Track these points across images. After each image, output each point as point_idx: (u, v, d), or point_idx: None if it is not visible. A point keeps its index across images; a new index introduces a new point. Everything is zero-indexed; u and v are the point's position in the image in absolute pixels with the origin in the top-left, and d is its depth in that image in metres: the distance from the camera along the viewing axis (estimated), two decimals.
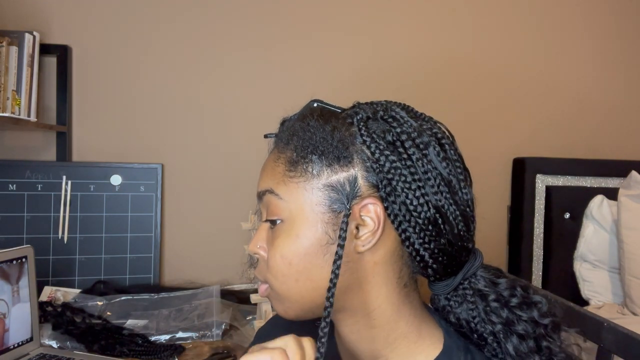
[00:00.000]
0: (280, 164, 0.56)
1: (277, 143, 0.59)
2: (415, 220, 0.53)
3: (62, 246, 1.60)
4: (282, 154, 0.57)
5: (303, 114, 0.59)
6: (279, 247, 0.55)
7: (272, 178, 0.57)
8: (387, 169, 0.53)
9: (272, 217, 0.56)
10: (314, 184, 0.54)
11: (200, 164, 1.76)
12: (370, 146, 0.54)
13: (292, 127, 0.58)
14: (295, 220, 0.54)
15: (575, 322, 0.90)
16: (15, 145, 1.66)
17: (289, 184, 0.55)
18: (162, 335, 1.28)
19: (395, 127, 0.55)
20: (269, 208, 0.57)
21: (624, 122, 2.12)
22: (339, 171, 0.54)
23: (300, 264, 0.53)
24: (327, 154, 0.54)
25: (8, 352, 1.07)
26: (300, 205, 0.54)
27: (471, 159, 2.32)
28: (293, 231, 0.54)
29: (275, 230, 0.56)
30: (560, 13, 2.04)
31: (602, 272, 1.85)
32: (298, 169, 0.55)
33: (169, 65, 1.74)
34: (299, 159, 0.55)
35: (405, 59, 1.91)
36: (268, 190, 0.57)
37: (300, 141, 0.55)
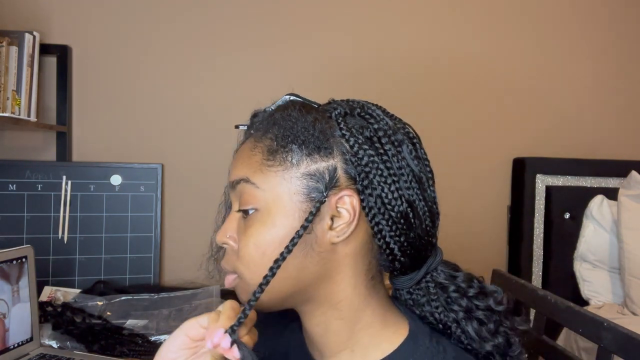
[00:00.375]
0: (258, 152, 0.56)
1: (253, 133, 0.59)
2: (388, 214, 0.55)
3: (62, 246, 1.60)
4: (259, 143, 0.57)
5: (281, 105, 0.59)
6: (253, 235, 0.54)
7: (248, 167, 0.56)
8: (365, 162, 0.54)
9: (247, 207, 0.56)
10: (293, 173, 0.54)
11: (200, 164, 1.76)
12: (349, 140, 0.55)
13: (271, 117, 0.58)
14: (271, 209, 0.54)
15: (575, 322, 0.90)
16: (15, 145, 1.66)
17: (267, 172, 0.55)
18: (162, 335, 1.28)
19: (373, 123, 0.57)
20: (243, 197, 0.56)
21: (624, 122, 2.12)
22: (319, 161, 0.54)
23: (274, 253, 0.52)
24: (307, 143, 0.54)
25: (8, 352, 1.07)
26: (277, 194, 0.54)
27: (471, 159, 2.33)
28: (269, 220, 0.54)
29: (249, 220, 0.55)
30: (560, 13, 2.04)
31: (602, 272, 1.85)
32: (277, 158, 0.55)
33: (169, 65, 1.74)
34: (278, 147, 0.55)
35: (405, 59, 1.91)
36: (243, 179, 0.56)
37: (281, 130, 0.55)
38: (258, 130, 0.58)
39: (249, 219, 0.55)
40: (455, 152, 1.96)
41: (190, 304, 1.46)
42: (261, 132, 0.58)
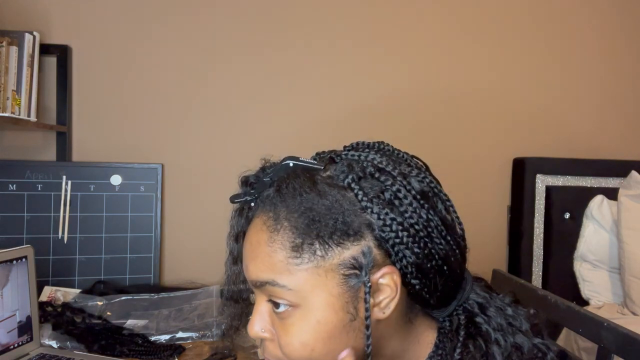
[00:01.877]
0: (278, 249, 0.51)
1: (261, 222, 0.54)
2: (425, 275, 0.53)
3: (62, 246, 1.60)
4: (276, 236, 0.52)
5: (288, 182, 0.53)
6: (297, 334, 0.51)
7: (270, 268, 0.52)
8: (395, 232, 0.51)
9: (280, 303, 0.52)
10: (326, 267, 0.51)
11: (200, 164, 1.76)
12: (374, 212, 0.51)
13: (282, 202, 0.52)
14: (311, 306, 0.51)
15: (575, 322, 0.90)
16: (15, 145, 1.66)
17: (296, 272, 0.51)
18: (162, 335, 1.28)
19: (391, 184, 0.53)
20: (273, 295, 0.53)
21: (624, 122, 2.12)
22: (351, 247, 0.51)
23: (323, 349, 0.51)
24: (335, 233, 0.50)
25: (8, 352, 1.07)
26: (314, 291, 0.51)
27: (471, 159, 2.34)
28: (311, 317, 0.51)
29: (287, 317, 0.52)
30: (562, 13, 2.04)
31: (602, 272, 1.85)
32: (304, 255, 0.51)
33: (169, 65, 1.74)
34: (303, 242, 0.51)
35: (406, 60, 1.91)
36: (269, 282, 0.52)
37: (301, 223, 0.51)
38: (266, 211, 0.54)
39: (286, 315, 0.52)
40: (455, 152, 1.96)
41: (190, 304, 1.46)
42: (272, 217, 0.53)
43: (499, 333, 0.56)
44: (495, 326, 0.56)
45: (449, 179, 2.22)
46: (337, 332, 0.51)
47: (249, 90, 1.79)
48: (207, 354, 1.21)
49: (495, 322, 0.57)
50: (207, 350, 1.24)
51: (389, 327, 0.55)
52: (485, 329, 0.56)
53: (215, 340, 1.30)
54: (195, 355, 1.21)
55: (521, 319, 0.58)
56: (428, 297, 0.55)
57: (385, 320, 0.54)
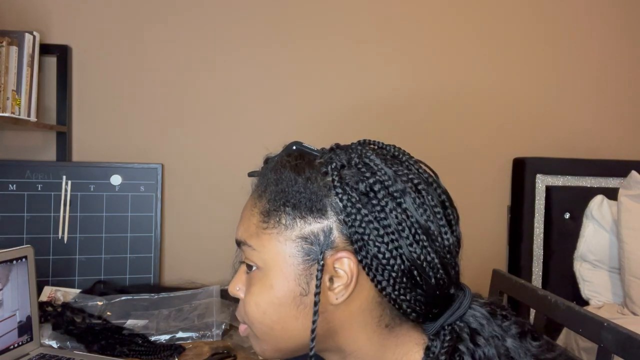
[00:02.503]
0: (255, 214, 0.57)
1: (255, 190, 0.60)
2: (389, 274, 0.52)
3: (62, 246, 1.60)
4: (257, 202, 0.58)
5: (279, 161, 0.58)
6: (254, 294, 0.56)
7: (246, 229, 0.58)
8: (359, 222, 0.52)
9: (249, 264, 0.58)
10: (287, 236, 0.54)
11: (200, 164, 1.76)
12: (343, 198, 0.53)
13: (267, 176, 0.58)
14: (269, 271, 0.55)
15: (575, 322, 0.90)
16: (15, 145, 1.66)
17: (262, 235, 0.56)
18: (162, 335, 1.28)
19: (369, 176, 0.54)
20: (245, 255, 0.58)
21: (624, 122, 2.12)
22: (313, 222, 0.53)
23: (274, 314, 0.55)
24: (299, 205, 0.54)
25: (8, 352, 1.07)
26: (273, 256, 0.55)
27: (471, 159, 2.34)
28: (267, 281, 0.55)
29: (252, 276, 0.57)
30: (562, 13, 2.04)
31: (602, 272, 1.85)
32: (271, 221, 0.55)
33: (169, 65, 1.74)
34: (271, 210, 0.56)
35: (406, 60, 1.91)
36: (242, 241, 0.58)
37: (273, 193, 0.56)
38: (258, 187, 0.59)
39: (252, 276, 0.57)
40: (455, 152, 1.96)
41: (190, 304, 1.46)
42: (260, 190, 0.59)
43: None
44: (481, 357, 0.53)
45: (449, 179, 2.22)
46: (288, 301, 0.54)
47: (250, 90, 1.79)
48: (207, 354, 1.22)
49: (481, 352, 0.53)
50: (207, 350, 1.24)
51: (351, 319, 0.55)
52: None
53: (215, 340, 1.30)
54: (195, 355, 1.21)
55: (520, 353, 0.54)
56: (399, 301, 0.54)
57: (342, 308, 0.54)
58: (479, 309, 0.57)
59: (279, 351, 0.57)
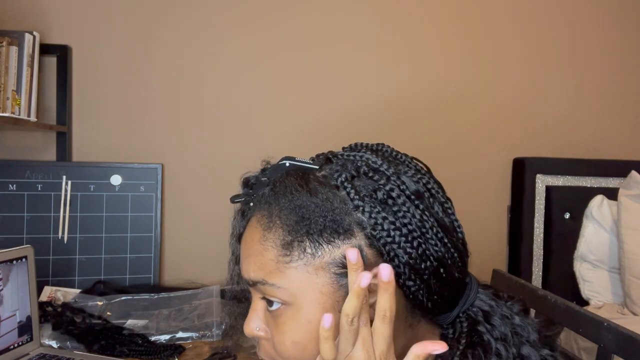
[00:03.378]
0: (270, 247, 0.52)
1: (257, 221, 0.54)
2: (420, 277, 0.52)
3: (62, 246, 1.60)
4: (268, 234, 0.52)
5: (283, 185, 0.53)
6: (289, 333, 0.51)
7: (261, 267, 0.52)
8: (387, 232, 0.51)
9: (272, 299, 0.52)
10: (317, 265, 0.50)
11: (200, 164, 1.76)
12: (365, 211, 0.51)
13: (275, 201, 0.53)
14: (302, 305, 0.51)
15: (575, 322, 0.90)
16: (15, 145, 1.66)
17: (286, 270, 0.51)
18: (162, 335, 1.28)
19: (384, 183, 0.52)
20: (266, 293, 0.53)
21: (624, 122, 2.12)
22: (341, 245, 0.50)
23: (315, 348, 0.50)
24: (325, 230, 0.50)
25: (8, 352, 1.07)
26: (304, 289, 0.50)
27: (471, 159, 2.33)
28: (302, 316, 0.51)
29: (279, 315, 0.52)
30: (559, 13, 2.04)
31: (602, 272, 1.85)
32: (294, 253, 0.51)
33: (169, 65, 1.74)
34: (293, 240, 0.51)
35: (406, 56, 1.91)
36: (260, 282, 0.52)
37: (292, 221, 0.51)
38: (261, 210, 0.54)
39: (279, 314, 0.52)
40: (455, 152, 1.96)
41: (190, 304, 1.46)
42: (265, 221, 0.53)
43: (502, 343, 0.54)
44: (499, 336, 0.54)
45: (449, 179, 2.21)
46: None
47: (250, 90, 1.79)
48: (207, 354, 1.22)
49: (499, 332, 0.54)
50: (207, 350, 1.24)
51: None
52: (487, 339, 0.53)
53: (215, 340, 1.30)
54: (195, 355, 1.21)
55: (529, 329, 0.56)
56: (426, 300, 0.53)
57: None
58: (483, 291, 0.59)
59: None
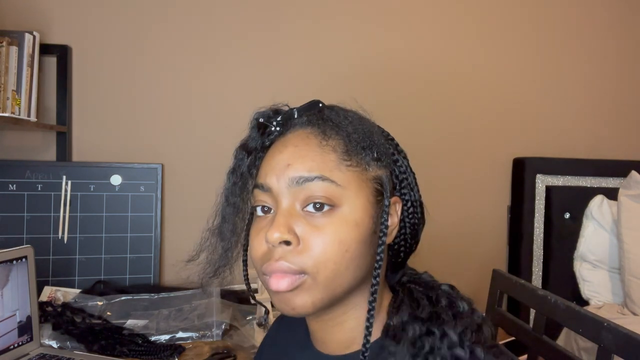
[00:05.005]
0: (330, 151, 0.56)
1: (299, 130, 0.59)
2: (413, 214, 0.63)
3: (62, 246, 1.60)
4: (329, 139, 0.56)
5: (350, 110, 0.62)
6: (337, 232, 0.53)
7: (322, 165, 0.55)
8: (403, 170, 0.62)
9: (322, 203, 0.54)
10: (368, 175, 0.57)
11: (200, 164, 1.76)
12: (393, 149, 0.62)
13: (329, 121, 0.58)
14: (353, 207, 0.54)
15: (575, 322, 0.90)
16: (15, 145, 1.66)
17: (346, 172, 0.55)
18: (162, 335, 1.28)
19: (388, 135, 0.64)
20: (317, 192, 0.54)
21: (624, 122, 2.12)
22: (382, 167, 0.58)
23: (356, 251, 0.54)
24: (378, 149, 0.58)
25: (8, 352, 1.07)
26: (357, 193, 0.55)
27: (471, 159, 2.33)
28: (352, 218, 0.54)
29: (325, 216, 0.54)
30: (559, 13, 2.05)
31: (602, 272, 1.85)
32: (354, 159, 0.56)
33: (169, 65, 1.74)
34: (356, 148, 0.56)
35: (407, 59, 1.91)
36: (320, 177, 0.54)
37: (359, 135, 0.57)
38: (310, 127, 0.58)
39: (325, 216, 0.54)
40: (455, 153, 1.96)
41: (190, 304, 1.46)
42: (319, 130, 0.58)
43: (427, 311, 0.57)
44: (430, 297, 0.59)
45: (449, 179, 2.23)
46: (367, 238, 0.55)
47: (250, 90, 1.79)
48: (207, 354, 1.22)
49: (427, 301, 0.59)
50: (207, 350, 1.24)
51: (380, 265, 0.57)
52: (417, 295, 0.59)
53: (215, 340, 1.30)
54: (196, 355, 1.21)
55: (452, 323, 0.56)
56: (409, 245, 0.64)
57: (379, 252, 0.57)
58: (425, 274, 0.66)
59: (331, 298, 0.55)
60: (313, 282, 0.53)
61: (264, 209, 0.58)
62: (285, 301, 0.55)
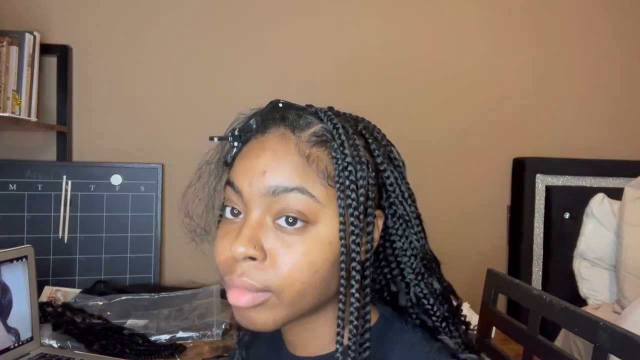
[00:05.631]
0: (313, 162, 0.51)
1: (285, 129, 0.55)
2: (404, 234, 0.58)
3: (62, 246, 1.61)
4: (311, 150, 0.52)
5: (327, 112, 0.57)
6: (308, 252, 0.49)
7: (303, 175, 0.50)
8: (391, 182, 0.56)
9: (298, 217, 0.49)
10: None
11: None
12: (378, 157, 0.55)
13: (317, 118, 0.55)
14: (330, 227, 0.50)
15: (571, 321, 0.90)
16: (16, 145, 1.67)
17: (327, 187, 0.51)
18: (163, 335, 1.28)
19: (380, 138, 0.59)
20: (292, 206, 0.49)
21: (624, 122, 2.12)
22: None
23: (326, 272, 0.50)
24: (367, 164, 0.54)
25: (8, 352, 1.07)
26: (335, 210, 0.51)
27: (471, 159, 2.33)
28: (326, 237, 0.50)
29: (298, 233, 0.50)
30: (559, 12, 2.04)
31: (600, 271, 1.85)
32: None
33: (169, 65, 1.75)
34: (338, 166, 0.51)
35: (407, 59, 1.91)
36: (298, 188, 0.50)
37: (342, 146, 0.52)
38: (298, 129, 0.54)
39: (297, 233, 0.50)
40: (455, 152, 1.96)
41: (190, 304, 1.46)
42: (306, 136, 0.53)
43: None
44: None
45: (449, 180, 2.23)
46: (338, 258, 0.51)
47: (250, 90, 1.79)
48: (207, 353, 1.22)
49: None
50: (207, 350, 1.24)
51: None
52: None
53: (215, 340, 1.30)
54: (196, 355, 1.22)
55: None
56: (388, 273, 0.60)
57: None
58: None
59: (295, 316, 0.52)
60: (277, 301, 0.50)
61: (233, 211, 0.54)
62: (244, 316, 0.52)
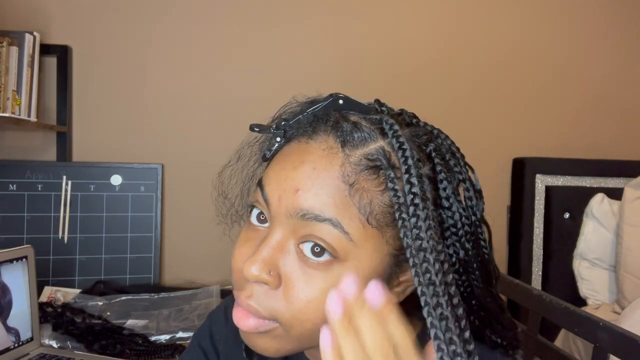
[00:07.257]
0: (357, 193, 0.43)
1: (345, 148, 0.45)
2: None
3: (62, 246, 1.61)
4: (360, 181, 0.43)
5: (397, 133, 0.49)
6: (325, 291, 0.41)
7: (340, 206, 0.42)
8: (452, 223, 0.51)
9: (326, 249, 0.43)
10: (392, 234, 0.44)
11: (200, 164, 1.76)
12: (443, 191, 0.52)
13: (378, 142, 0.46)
14: (359, 268, 0.43)
15: (571, 321, 0.90)
16: (16, 145, 1.66)
17: (367, 226, 0.43)
18: (163, 335, 1.28)
19: (453, 164, 0.56)
20: (318, 237, 0.43)
21: (624, 122, 2.12)
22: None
23: None
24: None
25: (8, 352, 1.07)
26: (371, 254, 0.43)
27: (471, 159, 2.31)
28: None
29: (320, 268, 0.43)
30: (559, 12, 2.04)
31: (600, 271, 1.85)
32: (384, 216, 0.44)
33: (169, 65, 1.74)
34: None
35: (407, 59, 1.91)
36: (331, 220, 0.42)
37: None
38: (350, 146, 0.45)
39: (321, 268, 0.43)
40: None
41: (190, 304, 1.46)
42: (357, 156, 0.44)
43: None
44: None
45: None
46: None
47: (250, 90, 1.79)
48: None
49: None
50: None
51: None
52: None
53: None
54: None
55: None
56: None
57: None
58: None
59: (304, 349, 0.48)
60: (284, 333, 0.45)
61: (260, 216, 0.48)
62: (246, 338, 0.47)
